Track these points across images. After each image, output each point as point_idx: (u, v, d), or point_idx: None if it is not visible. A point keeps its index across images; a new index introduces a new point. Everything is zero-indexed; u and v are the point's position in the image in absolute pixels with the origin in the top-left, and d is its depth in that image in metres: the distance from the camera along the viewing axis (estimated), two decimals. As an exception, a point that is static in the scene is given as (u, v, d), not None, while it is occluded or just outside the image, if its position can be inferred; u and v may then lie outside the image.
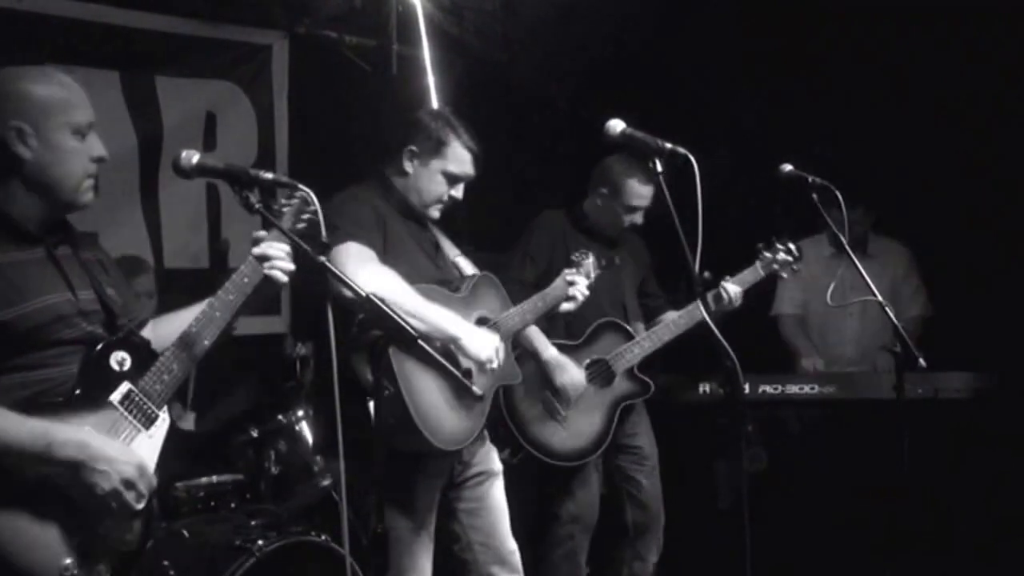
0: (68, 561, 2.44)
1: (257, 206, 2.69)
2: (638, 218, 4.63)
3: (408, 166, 3.64)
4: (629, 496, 4.64)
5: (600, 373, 4.47)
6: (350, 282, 2.64)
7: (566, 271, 4.00)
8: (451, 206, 3.75)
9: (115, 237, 5.39)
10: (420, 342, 2.69)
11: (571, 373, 4.34)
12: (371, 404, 3.30)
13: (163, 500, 4.48)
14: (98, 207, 5.30)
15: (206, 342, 2.72)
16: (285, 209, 2.83)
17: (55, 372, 2.55)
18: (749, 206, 5.94)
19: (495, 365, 3.55)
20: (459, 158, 3.65)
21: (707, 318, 3.40)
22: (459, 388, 3.43)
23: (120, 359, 2.60)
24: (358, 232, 3.42)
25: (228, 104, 5.88)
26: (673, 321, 4.46)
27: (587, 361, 4.48)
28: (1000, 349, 4.94)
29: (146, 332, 2.86)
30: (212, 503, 4.44)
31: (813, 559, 4.99)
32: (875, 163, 5.72)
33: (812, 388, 4.77)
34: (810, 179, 3.70)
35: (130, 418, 2.60)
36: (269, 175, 2.72)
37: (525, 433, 4.38)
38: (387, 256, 3.49)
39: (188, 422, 5.11)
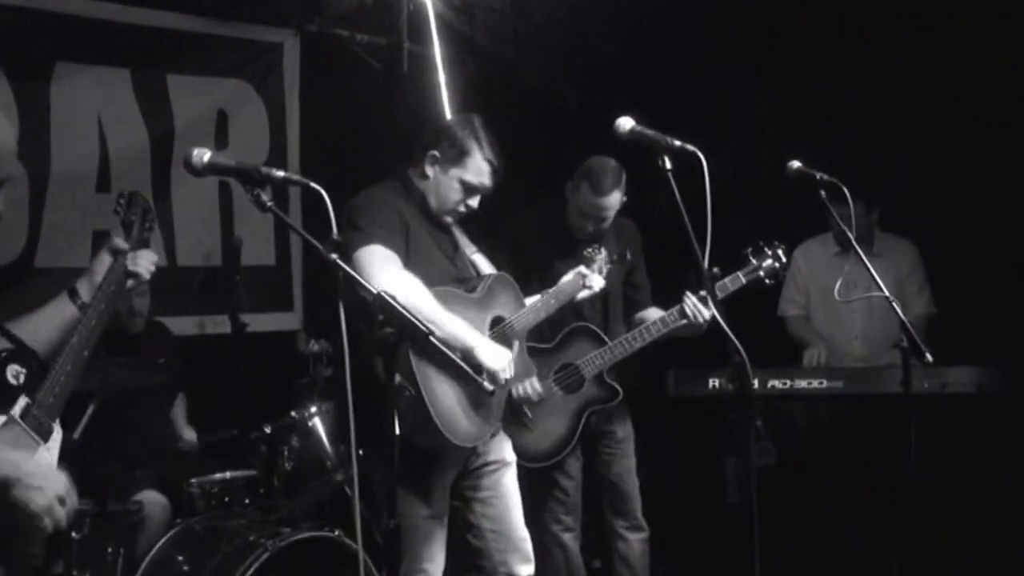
0: None
1: (269, 204, 2.71)
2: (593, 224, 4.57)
3: (429, 170, 3.68)
4: (599, 476, 4.69)
5: (569, 377, 4.48)
6: (361, 280, 2.67)
7: (580, 267, 4.00)
8: (465, 215, 3.79)
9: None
10: (433, 339, 2.74)
11: (524, 385, 4.33)
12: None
13: (177, 496, 4.53)
14: (111, 204, 5.41)
15: (85, 353, 2.71)
16: (133, 219, 2.96)
17: None
18: (756, 203, 5.94)
19: (507, 376, 3.60)
20: (478, 169, 3.67)
21: (715, 313, 3.42)
22: (475, 387, 3.46)
23: (15, 372, 2.57)
24: (382, 235, 3.46)
25: (239, 102, 5.91)
26: (647, 328, 4.37)
27: (557, 365, 4.48)
28: (1007, 343, 4.94)
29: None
30: (226, 499, 4.49)
31: (822, 553, 5.00)
32: (880, 160, 5.72)
33: (821, 383, 4.78)
34: (818, 176, 3.71)
35: (31, 432, 2.55)
36: (280, 173, 2.73)
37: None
38: (409, 257, 3.53)
39: (191, 438, 5.14)
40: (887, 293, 3.69)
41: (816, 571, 5.03)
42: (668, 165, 3.41)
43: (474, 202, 3.73)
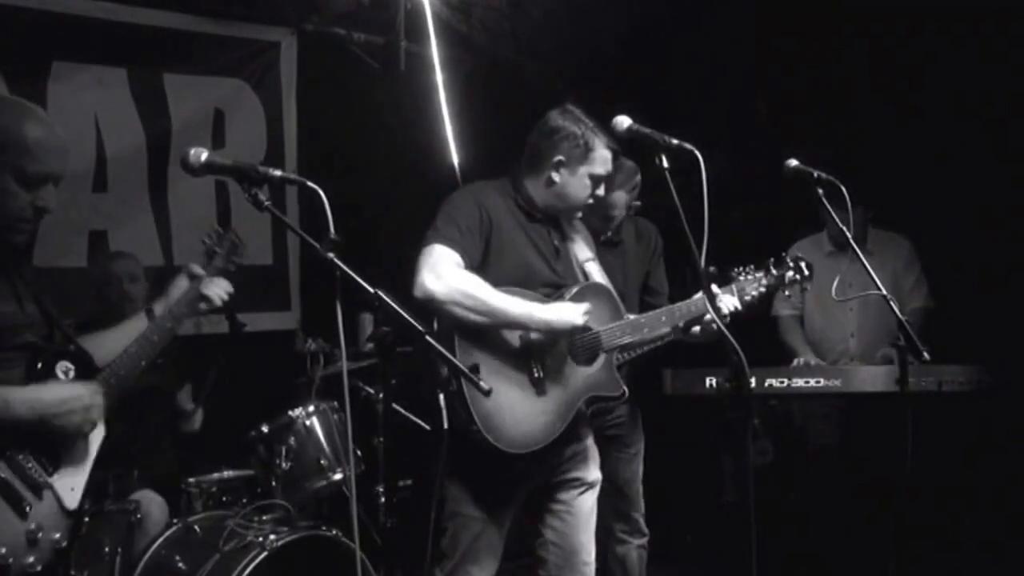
0: (3, 551, 2.60)
1: (266, 203, 2.72)
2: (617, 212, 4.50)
3: (556, 176, 3.63)
4: (610, 483, 4.65)
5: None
6: (357, 278, 2.68)
7: (713, 286, 3.66)
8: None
9: (124, 234, 5.45)
10: (428, 339, 2.76)
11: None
12: (441, 397, 3.37)
13: (175, 496, 4.53)
14: (107, 204, 5.43)
15: (143, 363, 2.93)
16: (217, 250, 3.24)
17: (10, 374, 2.68)
18: (753, 202, 5.94)
19: (588, 316, 3.51)
20: (604, 159, 3.66)
21: (712, 313, 3.41)
22: (534, 391, 3.46)
23: (65, 368, 2.76)
24: (449, 236, 3.43)
25: (237, 101, 5.92)
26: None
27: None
28: (1004, 341, 4.94)
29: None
30: (224, 498, 4.50)
31: (819, 552, 5.01)
32: (875, 158, 5.73)
33: (817, 382, 4.77)
34: (815, 174, 3.71)
35: None
36: (278, 172, 2.75)
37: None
38: (493, 257, 3.51)
39: (197, 421, 5.14)
40: (884, 292, 3.69)
41: (813, 569, 5.04)
42: (665, 163, 3.42)
43: (601, 191, 3.71)
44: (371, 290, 2.69)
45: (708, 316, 3.66)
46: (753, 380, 4.51)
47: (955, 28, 5.43)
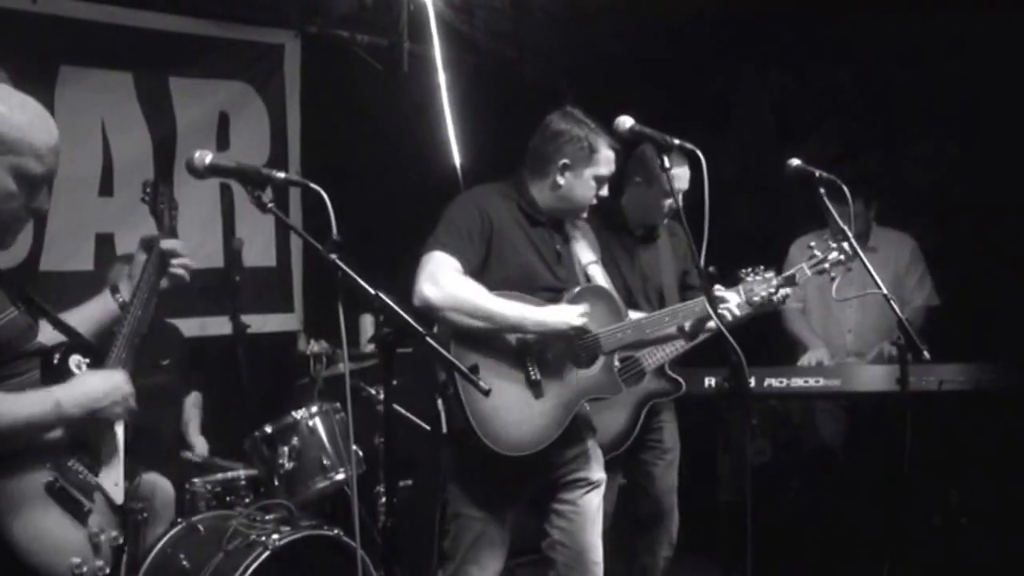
0: (77, 560, 2.57)
1: (269, 205, 2.74)
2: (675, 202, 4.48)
3: (561, 179, 3.65)
4: (643, 489, 4.64)
5: (630, 370, 4.36)
6: (359, 279, 2.71)
7: (715, 288, 3.82)
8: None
9: (130, 236, 5.45)
10: (429, 340, 2.79)
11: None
12: (439, 401, 3.39)
13: (179, 495, 4.55)
14: (114, 207, 5.45)
15: (137, 341, 2.85)
16: (162, 207, 3.04)
17: (25, 380, 2.64)
18: (756, 201, 5.96)
19: (586, 318, 3.53)
20: (608, 160, 3.68)
21: (712, 312, 3.43)
22: (531, 394, 3.48)
23: (78, 362, 2.71)
24: (448, 242, 3.46)
25: (241, 104, 5.94)
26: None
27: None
28: (1003, 340, 4.95)
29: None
30: (227, 498, 4.51)
31: (816, 551, 5.02)
32: (878, 156, 5.74)
33: (817, 381, 4.78)
34: (817, 174, 3.72)
35: None
36: (281, 174, 2.77)
37: None
38: (494, 261, 3.54)
39: (200, 448, 5.15)
40: (884, 290, 3.71)
41: (810, 568, 5.05)
42: (667, 163, 3.45)
43: (604, 191, 3.73)
44: (372, 292, 2.72)
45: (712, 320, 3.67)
46: (752, 380, 4.54)
47: (956, 20, 5.44)
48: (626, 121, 3.38)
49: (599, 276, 3.88)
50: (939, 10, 5.42)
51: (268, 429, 4.47)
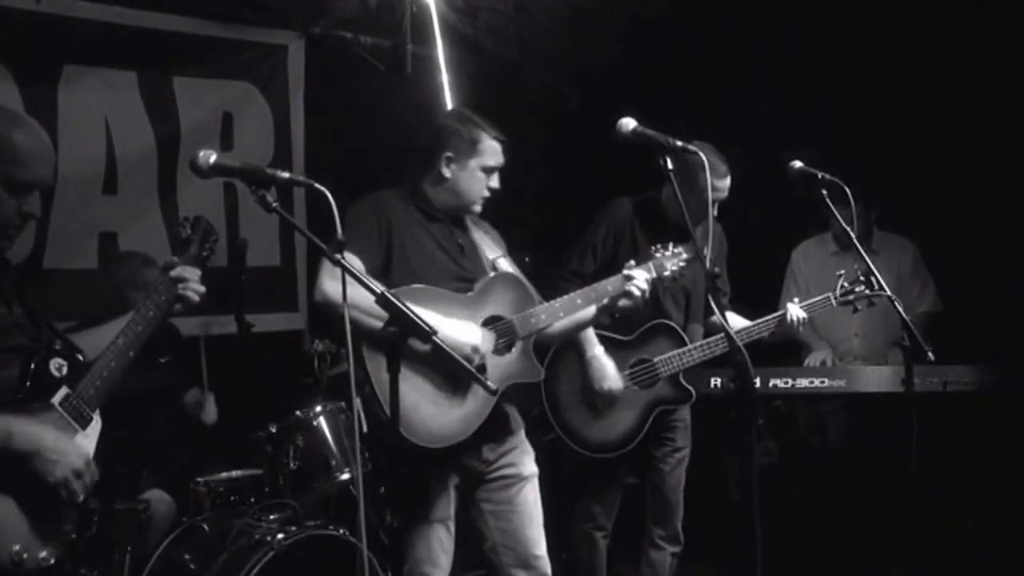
0: (17, 547, 2.61)
1: (274, 205, 2.74)
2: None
3: (447, 171, 3.68)
4: (652, 485, 4.68)
5: (644, 374, 4.47)
6: (366, 280, 2.73)
7: (627, 264, 3.83)
8: (490, 197, 3.78)
9: (134, 236, 5.47)
10: (436, 339, 2.81)
11: (609, 381, 4.35)
12: (357, 401, 3.39)
13: (183, 495, 4.56)
14: (117, 206, 5.46)
15: (131, 353, 2.90)
16: (192, 237, 3.12)
17: None
18: (758, 202, 5.95)
19: (481, 353, 3.49)
20: (493, 150, 3.71)
21: (720, 315, 3.43)
22: (450, 385, 3.46)
23: (58, 365, 2.77)
24: (350, 242, 3.37)
25: (245, 104, 5.94)
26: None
27: (633, 359, 4.49)
28: (1008, 342, 4.95)
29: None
30: (232, 498, 4.52)
31: (823, 551, 5.02)
32: (879, 159, 5.74)
33: (822, 382, 4.78)
34: (820, 175, 3.73)
35: (68, 419, 2.77)
36: (285, 174, 2.78)
37: (558, 416, 4.45)
38: (397, 259, 3.55)
39: (210, 412, 5.16)
40: (888, 292, 3.71)
41: (819, 569, 5.05)
42: (670, 165, 3.44)
43: (495, 182, 3.74)
44: (377, 291, 2.72)
45: (627, 297, 3.72)
46: (758, 380, 4.55)
47: (959, 26, 5.44)
48: (629, 123, 3.38)
49: (509, 267, 3.88)
50: (938, 10, 5.43)
51: (273, 428, 4.47)
